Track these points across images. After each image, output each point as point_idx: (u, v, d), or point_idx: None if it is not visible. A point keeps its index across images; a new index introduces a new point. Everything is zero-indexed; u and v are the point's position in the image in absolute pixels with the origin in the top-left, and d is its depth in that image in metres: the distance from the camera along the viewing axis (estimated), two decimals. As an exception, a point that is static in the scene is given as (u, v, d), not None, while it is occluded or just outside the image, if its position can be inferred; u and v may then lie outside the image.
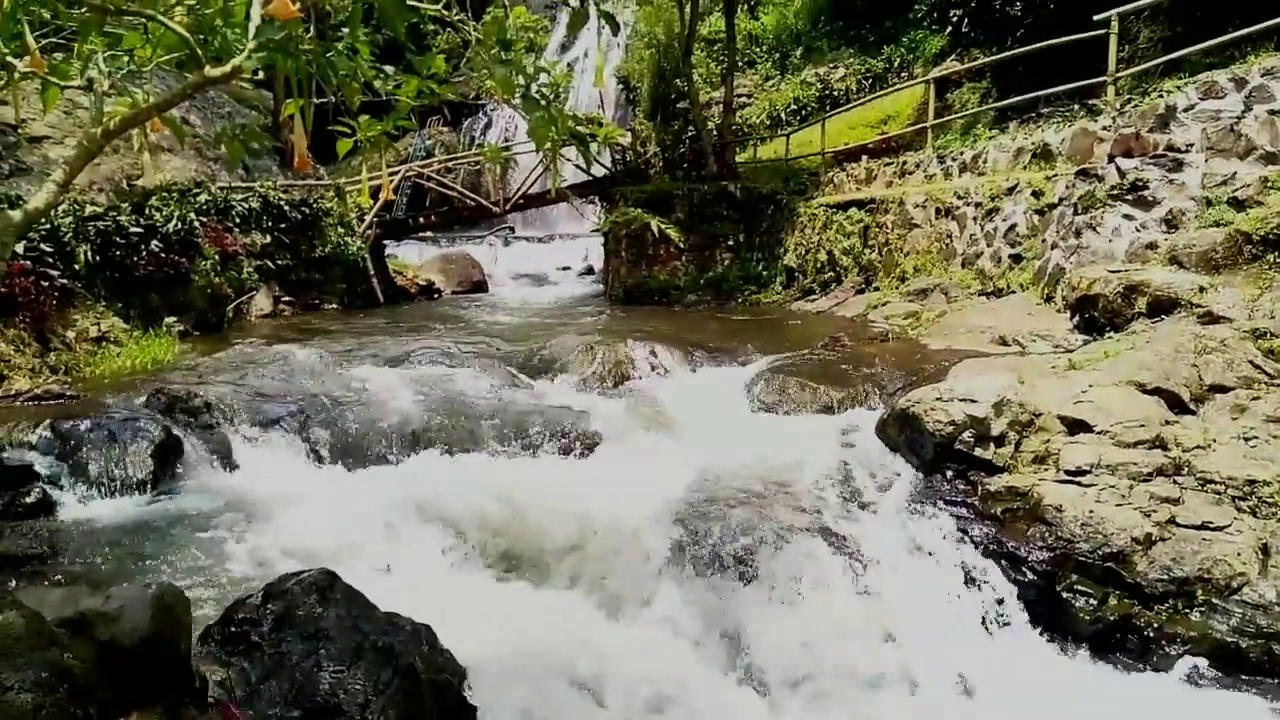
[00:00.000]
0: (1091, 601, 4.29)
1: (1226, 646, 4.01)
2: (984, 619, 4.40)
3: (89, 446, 5.41)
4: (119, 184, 12.59)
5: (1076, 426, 5.02)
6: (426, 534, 4.91)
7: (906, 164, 13.52)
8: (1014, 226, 9.58)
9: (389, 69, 3.22)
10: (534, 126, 3.04)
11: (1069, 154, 9.34)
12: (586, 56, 27.21)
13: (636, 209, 16.43)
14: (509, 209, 18.89)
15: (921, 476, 5.28)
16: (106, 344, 8.88)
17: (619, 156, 19.12)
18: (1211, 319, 6.00)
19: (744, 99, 21.84)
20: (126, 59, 3.34)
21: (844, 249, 13.58)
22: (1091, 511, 4.45)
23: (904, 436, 5.52)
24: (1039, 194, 9.16)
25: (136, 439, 5.51)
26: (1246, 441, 4.73)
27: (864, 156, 15.33)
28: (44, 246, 9.26)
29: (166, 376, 7.55)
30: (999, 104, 12.64)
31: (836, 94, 20.71)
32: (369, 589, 3.43)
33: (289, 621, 3.07)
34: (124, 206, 11.38)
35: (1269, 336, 5.60)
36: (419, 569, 4.57)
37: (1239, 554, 4.17)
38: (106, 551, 4.45)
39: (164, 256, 11.17)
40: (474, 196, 19.01)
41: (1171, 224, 7.55)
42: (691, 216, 16.54)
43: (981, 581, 4.50)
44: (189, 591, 3.07)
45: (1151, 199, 7.75)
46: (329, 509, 5.06)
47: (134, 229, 10.89)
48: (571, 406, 6.93)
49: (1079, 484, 4.66)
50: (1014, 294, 9.15)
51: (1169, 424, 4.97)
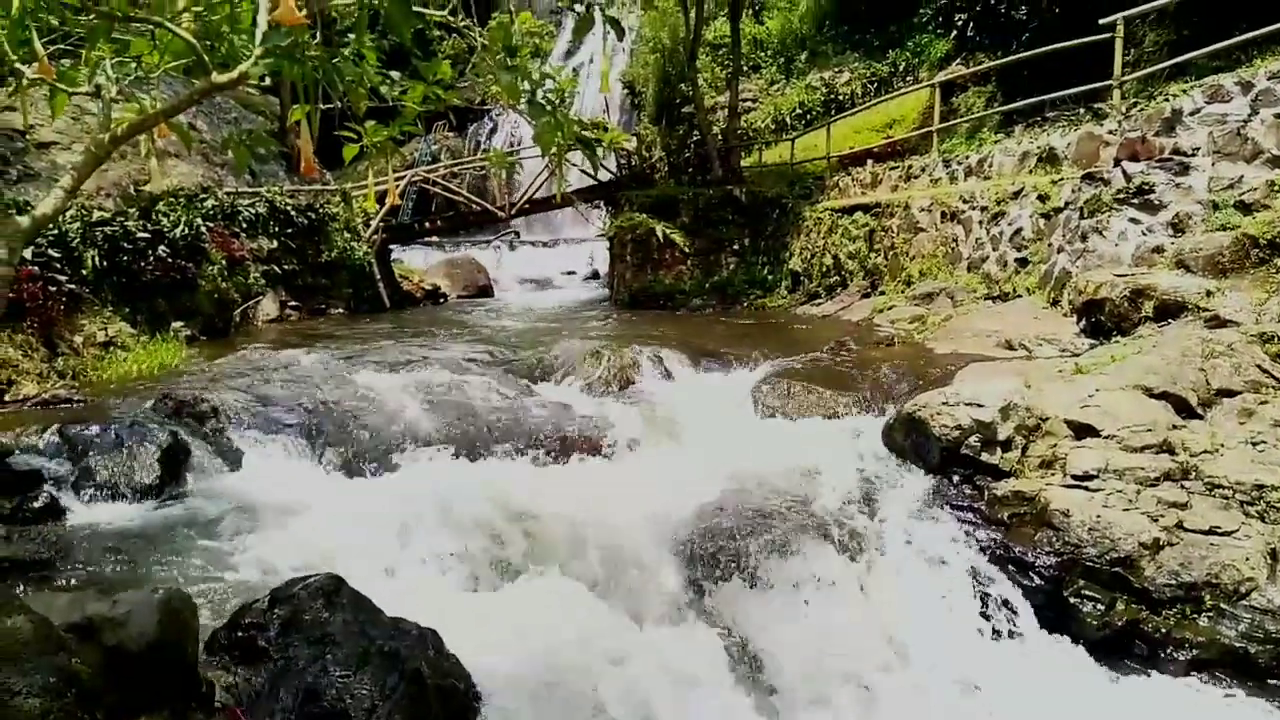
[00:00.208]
0: (1099, 606, 4.28)
1: (1234, 651, 4.00)
2: (991, 624, 4.38)
3: (96, 451, 5.42)
4: (126, 189, 12.64)
5: (1083, 431, 5.00)
6: (433, 538, 4.91)
7: (912, 168, 13.50)
8: (1020, 230, 9.57)
9: (395, 75, 3.24)
10: (540, 132, 3.05)
11: (1075, 158, 9.33)
12: (591, 61, 27.28)
13: (641, 214, 16.45)
14: (514, 214, 18.93)
15: (928, 481, 5.27)
16: (114, 349, 8.91)
17: (624, 161, 19.16)
18: (1218, 323, 5.98)
19: (749, 103, 21.86)
20: (134, 65, 3.36)
21: (849, 253, 13.57)
22: (1098, 516, 4.44)
23: (910, 441, 5.51)
24: (1045, 198, 9.15)
25: (144, 444, 5.52)
26: (1254, 446, 4.71)
27: (869, 160, 15.33)
28: (52, 252, 9.29)
29: (173, 381, 7.56)
30: (1004, 108, 12.62)
31: (841, 98, 20.71)
32: (375, 594, 3.43)
33: (295, 626, 3.07)
34: (131, 212, 11.42)
35: (1276, 340, 5.58)
36: (426, 574, 4.57)
37: (1247, 559, 4.16)
38: (114, 556, 4.45)
39: (171, 261, 11.21)
40: (479, 201, 19.05)
41: (1178, 228, 7.53)
42: (696, 221, 16.54)
43: (988, 586, 4.49)
44: (196, 596, 3.07)
45: (1158, 203, 7.73)
46: (336, 514, 5.06)
47: (141, 234, 10.93)
48: (577, 411, 6.93)
49: (1086, 489, 4.65)
50: (1020, 298, 9.13)
51: (1176, 428, 4.95)
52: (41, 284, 8.32)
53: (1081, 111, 10.42)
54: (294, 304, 14.52)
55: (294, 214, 14.60)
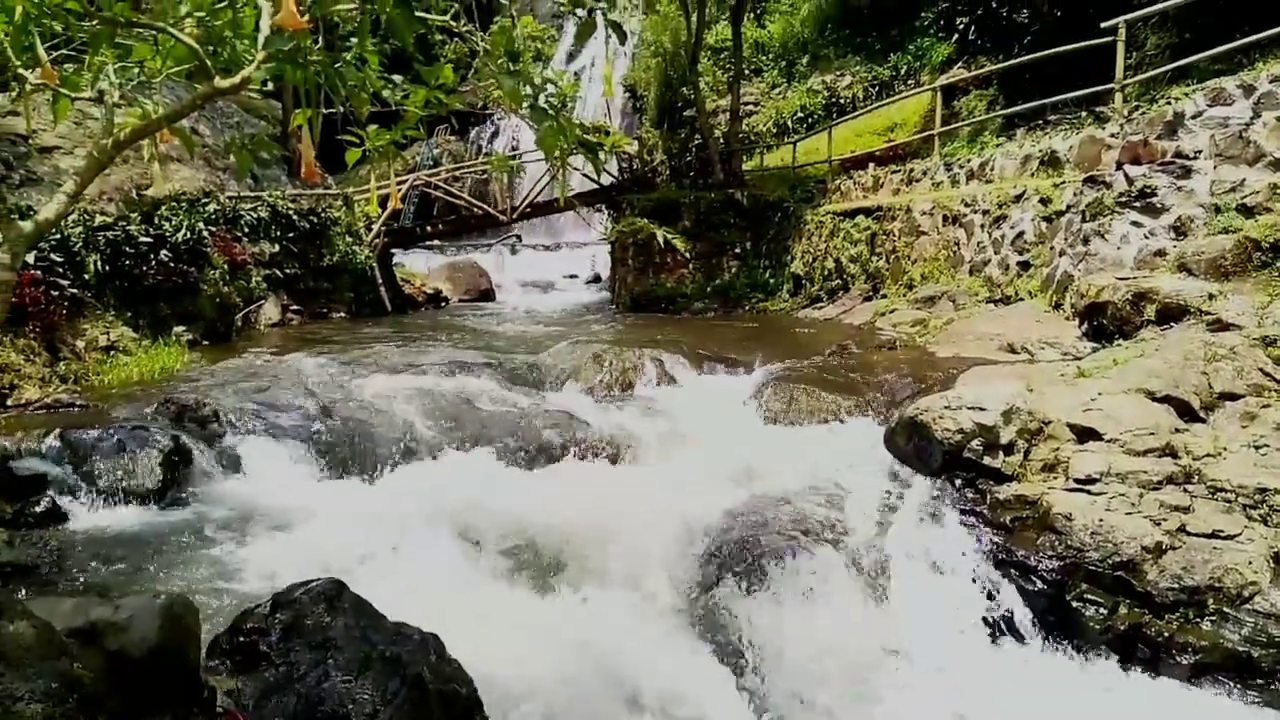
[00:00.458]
0: (1102, 610, 4.26)
1: (1238, 656, 3.98)
2: (993, 628, 4.37)
3: (98, 456, 5.43)
4: (128, 194, 12.65)
5: (1086, 434, 4.99)
6: (435, 542, 4.92)
7: (913, 171, 13.51)
8: (1022, 234, 9.57)
9: (397, 79, 3.24)
10: (542, 136, 3.05)
11: (1077, 161, 9.33)
12: (593, 65, 27.29)
13: (643, 218, 16.46)
14: (516, 217, 18.95)
15: (930, 485, 5.26)
16: (116, 353, 8.92)
17: (626, 165, 19.18)
18: (1221, 326, 5.97)
19: (750, 107, 21.88)
20: (137, 70, 3.37)
21: (851, 256, 13.57)
22: (1101, 520, 4.43)
23: (912, 445, 5.51)
24: (1047, 201, 9.15)
25: (146, 448, 5.52)
26: (1257, 449, 4.70)
27: (871, 164, 15.33)
28: (54, 256, 9.32)
29: (175, 385, 7.57)
30: (1006, 111, 12.62)
31: (843, 102, 20.72)
32: (377, 598, 3.43)
33: (297, 631, 3.07)
34: (133, 216, 11.44)
35: (1279, 344, 5.57)
36: (427, 578, 4.57)
37: (1250, 562, 4.15)
38: (116, 561, 4.45)
39: (173, 266, 11.22)
40: (481, 205, 19.07)
41: (1180, 231, 7.53)
42: (698, 224, 16.56)
43: (991, 590, 4.48)
44: (197, 601, 3.07)
45: (1160, 206, 7.73)
46: (337, 518, 5.06)
47: (143, 239, 10.95)
48: (579, 415, 6.93)
49: (1088, 492, 4.64)
50: (1022, 301, 9.13)
51: (1179, 432, 4.94)
52: (44, 288, 8.34)
53: (1083, 115, 10.42)
54: (296, 308, 14.54)
55: (296, 218, 14.63)
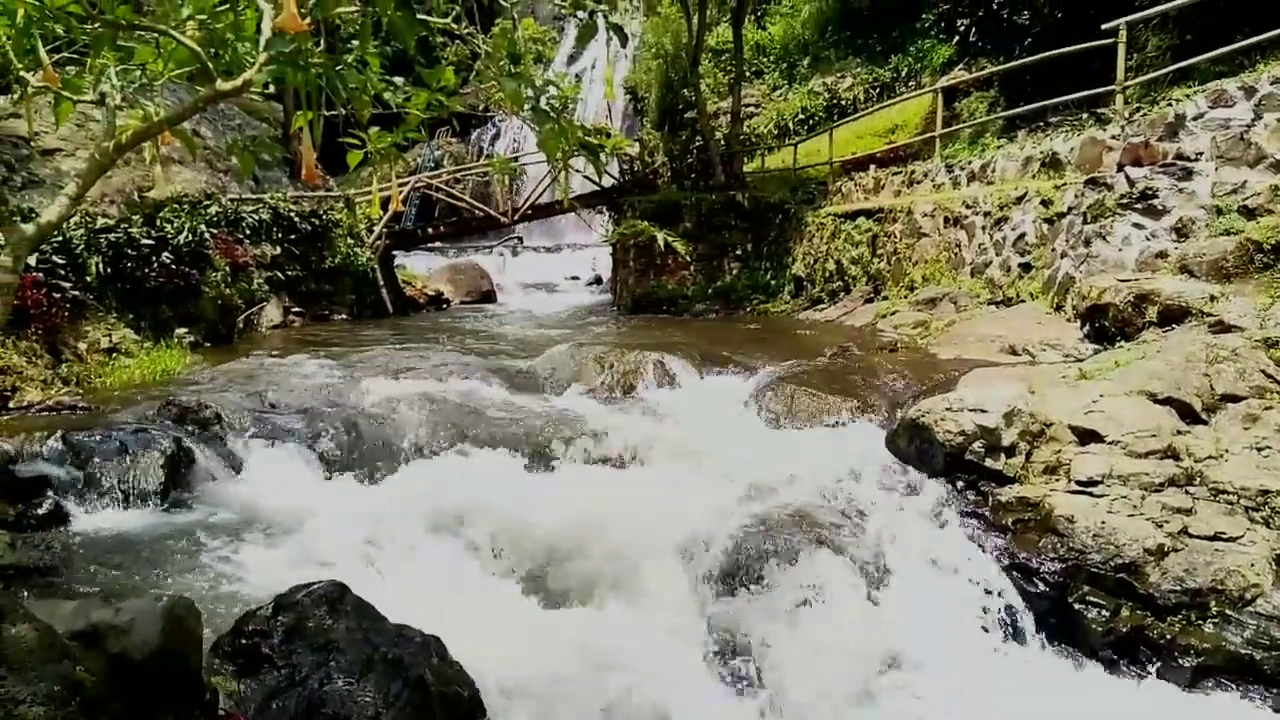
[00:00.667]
0: (1104, 613, 4.26)
1: (1240, 658, 3.98)
2: (996, 630, 4.37)
3: (100, 458, 5.43)
4: (130, 196, 12.67)
5: (1087, 436, 4.99)
6: (437, 545, 4.92)
7: (915, 173, 13.51)
8: (1023, 235, 9.56)
9: (398, 81, 3.25)
10: (544, 138, 3.05)
11: (1078, 163, 9.32)
12: (594, 67, 27.32)
13: (644, 221, 16.46)
14: (517, 219, 18.96)
15: (932, 487, 5.25)
16: (118, 355, 8.92)
17: (627, 166, 19.18)
18: (1223, 328, 5.96)
19: (751, 109, 21.88)
20: (138, 73, 3.37)
21: (852, 258, 13.57)
22: (1103, 522, 4.43)
23: (914, 447, 5.50)
24: (1048, 203, 9.14)
25: (148, 450, 5.52)
26: (1259, 451, 4.70)
27: (872, 166, 15.33)
28: (56, 258, 9.32)
29: (177, 387, 7.58)
30: (1007, 113, 12.62)
31: (844, 103, 20.72)
32: (378, 600, 3.43)
33: (299, 633, 3.07)
34: (135, 218, 11.45)
35: (1281, 345, 5.57)
36: (428, 578, 4.57)
37: (1252, 565, 4.14)
38: (118, 563, 4.45)
39: (175, 268, 11.23)
40: (482, 207, 19.09)
41: (1181, 233, 7.52)
42: (699, 226, 16.55)
43: (993, 592, 4.47)
44: (199, 603, 3.07)
45: (1161, 208, 7.72)
46: (339, 520, 5.06)
47: (145, 241, 10.96)
48: (581, 416, 6.93)
49: (1090, 494, 4.63)
50: (1023, 303, 9.12)
51: (1181, 434, 4.94)
52: (46, 291, 8.34)
53: (1084, 116, 10.43)
54: (297, 310, 14.55)
55: (297, 220, 14.64)
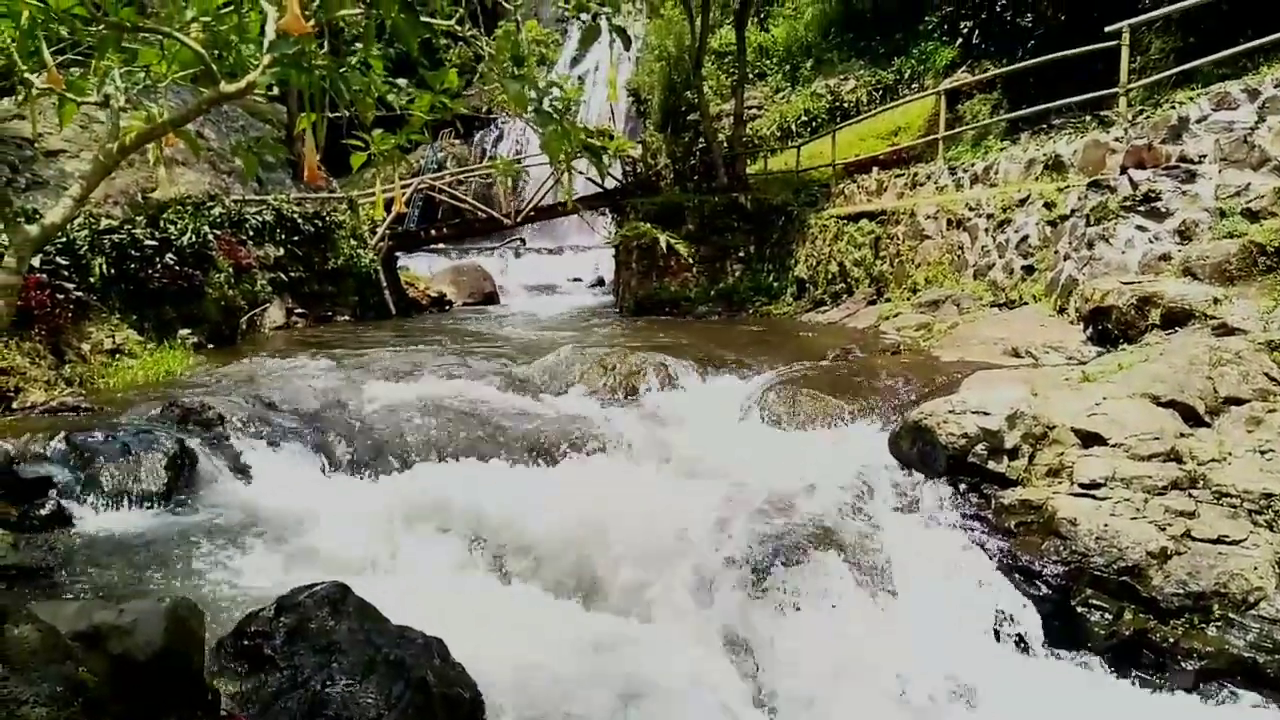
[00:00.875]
0: (1106, 616, 4.25)
1: (1243, 662, 3.97)
2: (997, 633, 4.36)
3: (104, 459, 5.43)
4: (134, 197, 12.69)
5: (1090, 439, 4.98)
6: (440, 546, 4.92)
7: (917, 175, 13.51)
8: (1026, 238, 9.56)
9: (402, 83, 3.25)
10: (547, 140, 3.05)
11: (1081, 165, 9.32)
12: (597, 70, 27.35)
13: (646, 222, 16.46)
14: (520, 221, 18.98)
15: (935, 489, 5.25)
16: (121, 356, 8.93)
17: (629, 168, 19.18)
18: (1226, 331, 5.96)
19: (754, 111, 21.89)
20: (142, 74, 3.38)
21: (855, 260, 13.56)
22: (1106, 525, 4.42)
23: (916, 449, 5.50)
24: (1051, 205, 9.14)
25: (151, 451, 5.53)
26: (1262, 454, 4.69)
27: (875, 168, 15.33)
28: (60, 260, 9.34)
29: (180, 389, 7.59)
30: (1010, 115, 12.62)
31: (847, 106, 20.72)
32: (380, 599, 3.43)
33: (301, 634, 3.08)
34: (139, 220, 11.47)
35: (1284, 348, 5.56)
36: (432, 581, 4.57)
37: (1255, 568, 4.13)
38: (121, 564, 4.46)
39: (178, 269, 11.24)
40: (485, 209, 19.11)
41: (1185, 235, 7.52)
42: (702, 228, 16.56)
43: (995, 595, 4.47)
44: (202, 604, 3.07)
45: (1164, 210, 7.72)
46: (342, 520, 5.07)
47: (149, 242, 10.97)
48: (583, 418, 6.93)
49: (1093, 497, 4.63)
50: (1026, 305, 9.12)
51: (1184, 437, 4.94)
52: (49, 292, 8.35)
53: (1087, 119, 10.42)
54: (300, 311, 14.57)
55: (301, 221, 14.66)
